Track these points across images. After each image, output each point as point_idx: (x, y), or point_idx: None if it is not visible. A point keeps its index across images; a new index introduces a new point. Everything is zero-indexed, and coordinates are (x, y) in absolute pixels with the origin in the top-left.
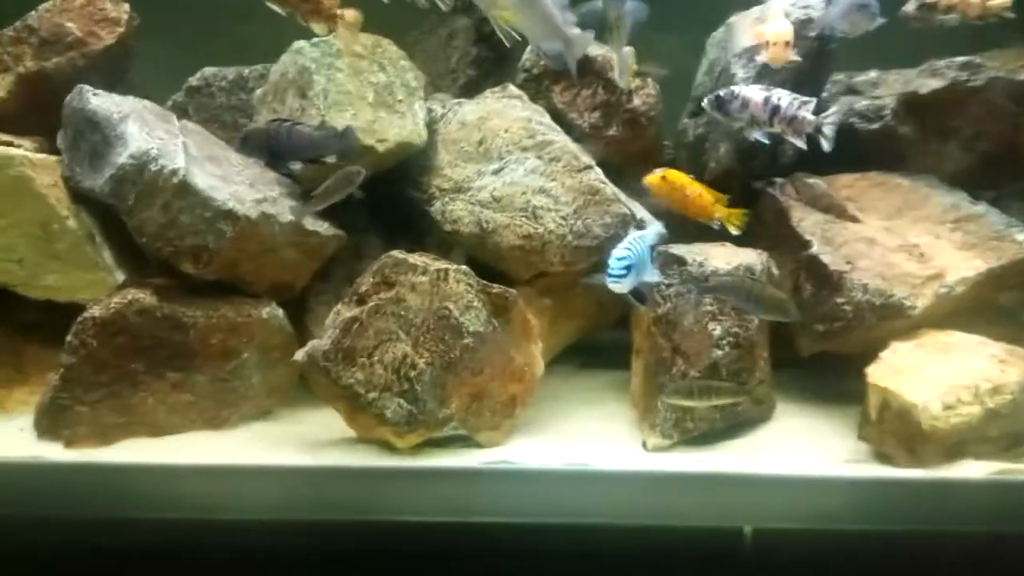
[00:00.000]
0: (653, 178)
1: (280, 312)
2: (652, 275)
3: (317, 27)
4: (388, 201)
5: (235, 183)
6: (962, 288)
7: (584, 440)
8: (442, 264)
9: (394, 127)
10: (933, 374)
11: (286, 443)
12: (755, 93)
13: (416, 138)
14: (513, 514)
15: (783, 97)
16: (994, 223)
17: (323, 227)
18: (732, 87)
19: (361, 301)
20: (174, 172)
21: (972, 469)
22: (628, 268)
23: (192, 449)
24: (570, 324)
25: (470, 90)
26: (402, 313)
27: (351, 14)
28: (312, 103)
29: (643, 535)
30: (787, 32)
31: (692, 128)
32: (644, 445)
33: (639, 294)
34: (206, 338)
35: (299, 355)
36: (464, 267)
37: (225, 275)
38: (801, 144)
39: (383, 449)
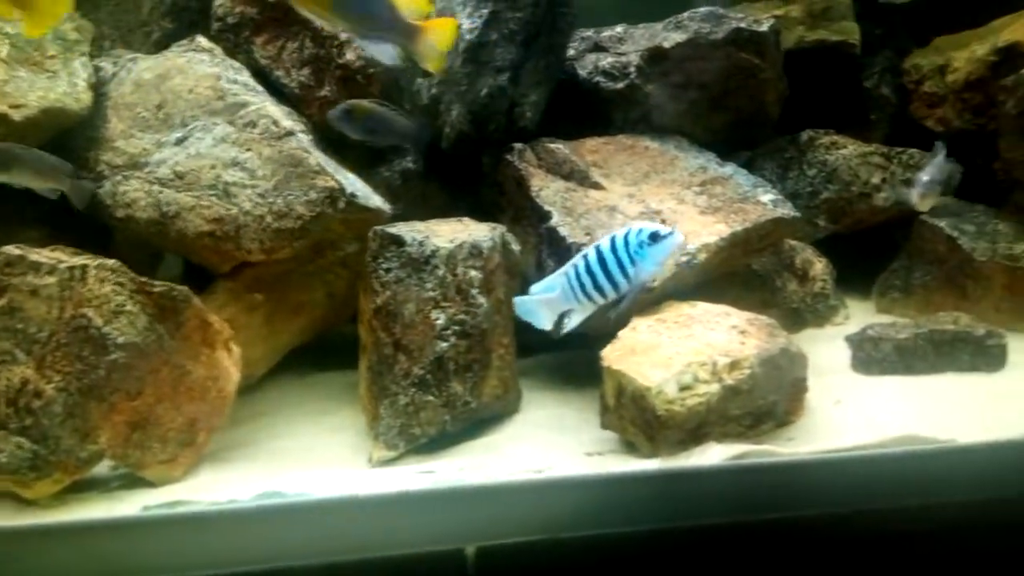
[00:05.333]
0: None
1: None
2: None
3: None
4: None
5: None
6: (704, 255)
7: (297, 462)
8: (79, 260)
9: (38, 89)
10: (670, 352)
11: None
12: None
13: (73, 103)
14: (185, 570)
15: None
16: (741, 184)
17: None
18: None
19: None
20: None
21: (714, 454)
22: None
23: None
24: (294, 322)
25: (167, 46)
26: (19, 327)
27: None
28: None
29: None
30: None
31: (426, 89)
32: (370, 459)
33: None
34: None
35: None
36: (112, 262)
37: None
38: None
39: (14, 502)
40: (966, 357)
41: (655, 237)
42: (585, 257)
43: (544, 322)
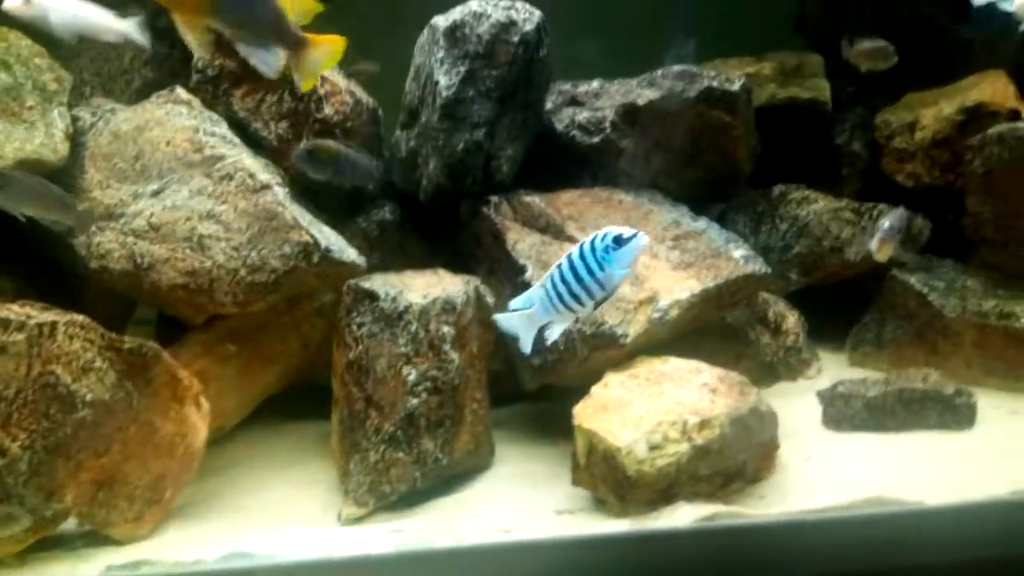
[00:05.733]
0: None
1: None
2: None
3: None
4: (26, 234)
5: None
6: (676, 311)
7: (266, 519)
8: (49, 317)
9: (15, 140)
10: (641, 410)
11: None
12: None
13: (50, 154)
14: None
15: None
16: (713, 239)
17: None
18: None
19: None
20: None
21: (684, 514)
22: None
23: None
24: (268, 372)
25: (148, 94)
26: None
27: None
28: None
29: None
30: None
31: (404, 141)
32: (340, 516)
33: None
34: None
35: None
36: (82, 318)
37: None
38: None
39: None
40: (935, 415)
41: (619, 240)
42: (559, 267)
43: (526, 338)
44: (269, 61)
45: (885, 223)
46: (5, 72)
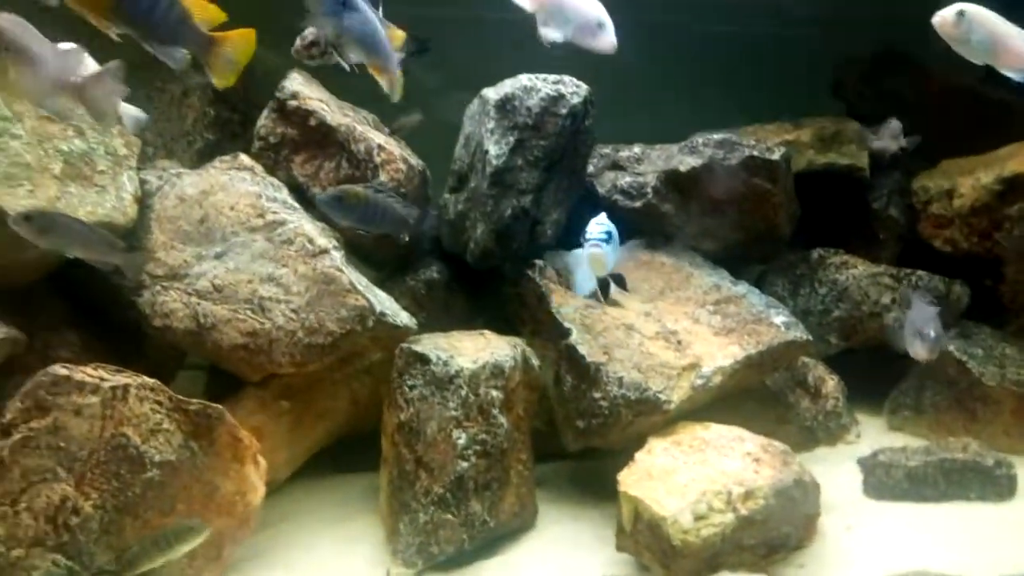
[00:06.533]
0: None
1: None
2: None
3: None
4: (91, 291)
5: None
6: (719, 378)
7: None
8: (122, 379)
9: (88, 204)
10: (685, 478)
11: None
12: None
13: (119, 216)
14: None
15: None
16: (754, 304)
17: None
18: None
19: (5, 433)
20: None
21: None
22: (609, 236)
23: None
24: (318, 427)
25: (209, 156)
26: (62, 445)
27: None
28: None
29: None
30: None
31: (453, 204)
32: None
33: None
34: None
35: None
36: (152, 381)
37: None
38: None
39: None
40: (976, 486)
41: (587, 238)
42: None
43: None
44: (174, 57)
45: (930, 333)
46: (79, 138)
